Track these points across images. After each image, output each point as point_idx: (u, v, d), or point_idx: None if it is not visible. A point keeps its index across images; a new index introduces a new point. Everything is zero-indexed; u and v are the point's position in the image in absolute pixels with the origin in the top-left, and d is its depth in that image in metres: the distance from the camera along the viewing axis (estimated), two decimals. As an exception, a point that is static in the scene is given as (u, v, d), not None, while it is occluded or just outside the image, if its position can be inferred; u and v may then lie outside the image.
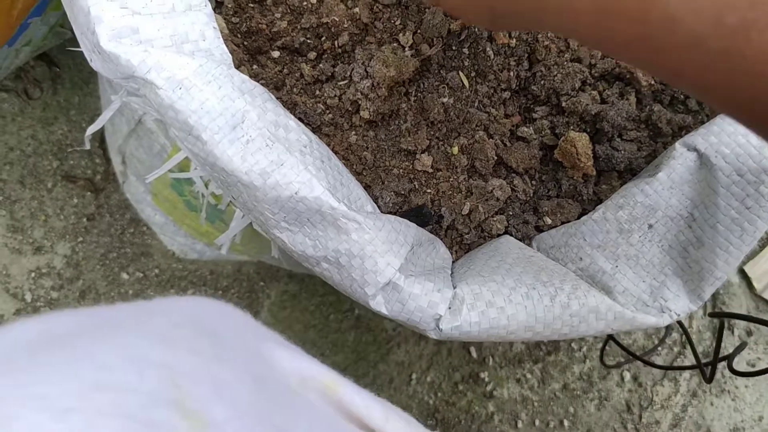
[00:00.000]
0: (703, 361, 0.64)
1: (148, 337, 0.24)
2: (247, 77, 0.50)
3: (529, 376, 0.92)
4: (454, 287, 0.51)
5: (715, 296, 0.94)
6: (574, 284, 0.53)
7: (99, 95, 0.90)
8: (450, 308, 0.50)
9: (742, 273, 0.94)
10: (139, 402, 0.20)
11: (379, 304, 0.50)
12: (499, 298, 0.51)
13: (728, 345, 0.94)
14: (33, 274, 0.87)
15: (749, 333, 0.94)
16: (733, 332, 0.96)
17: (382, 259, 0.49)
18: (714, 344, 0.94)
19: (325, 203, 0.48)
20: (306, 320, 0.90)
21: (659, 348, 0.93)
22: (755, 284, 0.93)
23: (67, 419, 0.19)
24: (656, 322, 0.55)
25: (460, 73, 0.60)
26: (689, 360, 0.93)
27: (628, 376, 0.93)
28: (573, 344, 0.93)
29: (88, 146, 0.65)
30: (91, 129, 0.62)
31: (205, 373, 0.24)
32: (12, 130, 0.88)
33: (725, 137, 0.53)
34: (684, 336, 0.92)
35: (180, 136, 0.49)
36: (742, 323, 0.93)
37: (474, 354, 0.92)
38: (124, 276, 0.88)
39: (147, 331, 0.25)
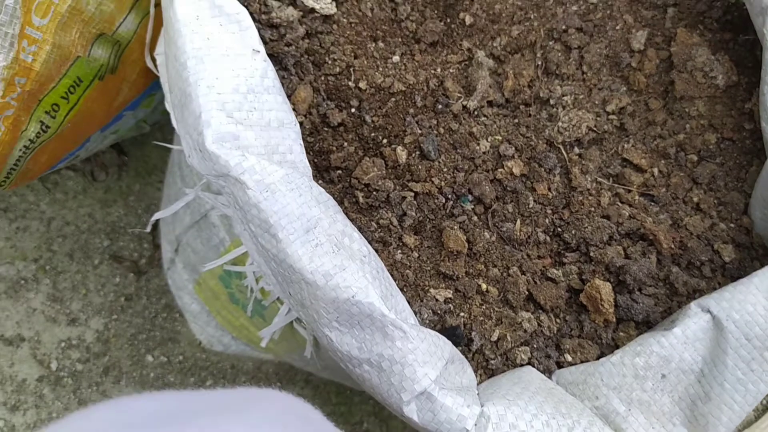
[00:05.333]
0: None
1: (267, 420, 0.28)
2: (322, 189, 0.57)
3: None
4: (482, 406, 0.55)
5: (712, 461, 0.96)
6: (590, 420, 0.57)
7: (159, 186, 0.98)
8: (476, 425, 0.54)
9: (740, 442, 0.96)
10: None
11: (411, 411, 0.54)
12: (521, 422, 0.55)
13: None
14: (63, 344, 0.91)
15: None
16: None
17: (421, 368, 0.53)
18: None
19: (377, 309, 0.53)
20: (314, 427, 0.92)
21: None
22: (752, 454, 0.95)
23: None
24: (663, 468, 0.58)
25: (518, 221, 0.67)
26: None
27: None
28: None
29: (149, 229, 0.71)
30: (159, 215, 0.69)
31: None
32: (72, 207, 0.95)
33: (736, 303, 0.58)
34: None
35: (257, 232, 0.55)
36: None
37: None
38: (149, 358, 0.92)
39: (263, 414, 0.28)
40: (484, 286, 0.66)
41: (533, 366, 0.64)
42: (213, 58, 0.56)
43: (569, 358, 0.64)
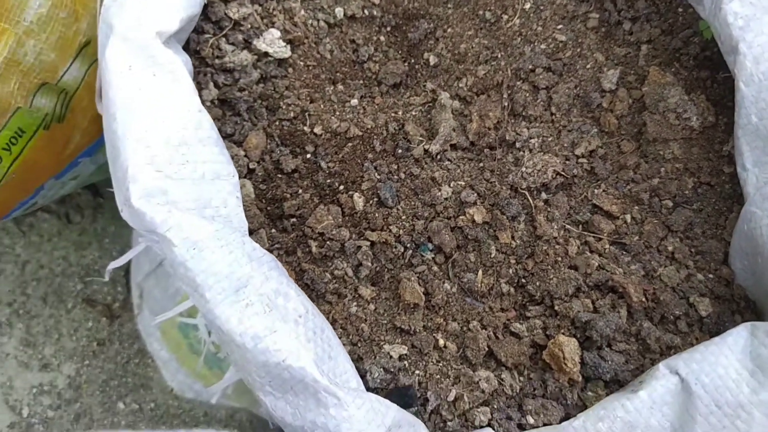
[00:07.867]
0: None
1: None
2: (257, 245, 0.54)
3: None
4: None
5: None
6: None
7: (134, 228, 0.96)
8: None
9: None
10: None
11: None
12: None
13: None
14: (35, 390, 0.89)
15: None
16: None
17: (354, 438, 0.50)
18: None
19: (309, 375, 0.50)
20: (289, 479, 0.88)
21: None
22: None
23: None
24: None
25: (480, 272, 0.63)
26: None
27: None
28: None
29: (107, 278, 0.69)
30: (113, 264, 0.66)
31: None
32: (46, 249, 0.94)
33: (707, 366, 0.54)
34: None
35: (188, 290, 0.53)
36: None
37: None
38: (121, 405, 0.90)
39: None
40: (441, 342, 0.62)
41: (493, 428, 0.60)
42: (144, 110, 0.54)
43: (531, 420, 0.60)
